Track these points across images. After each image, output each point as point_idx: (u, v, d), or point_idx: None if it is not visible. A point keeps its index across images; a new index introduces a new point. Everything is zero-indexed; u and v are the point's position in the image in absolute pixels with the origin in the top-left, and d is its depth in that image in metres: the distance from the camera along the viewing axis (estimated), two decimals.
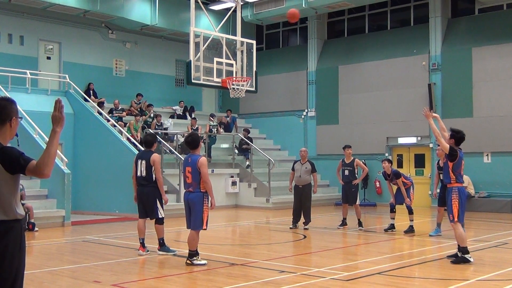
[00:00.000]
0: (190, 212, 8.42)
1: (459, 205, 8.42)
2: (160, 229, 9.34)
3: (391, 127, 20.43)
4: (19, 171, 3.72)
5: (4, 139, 3.84)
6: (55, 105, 3.82)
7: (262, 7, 21.45)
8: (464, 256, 8.35)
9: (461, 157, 8.51)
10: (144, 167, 9.27)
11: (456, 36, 19.57)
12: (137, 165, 9.40)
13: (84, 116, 17.56)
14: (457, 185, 8.49)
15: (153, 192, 9.26)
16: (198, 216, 8.28)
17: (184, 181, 8.50)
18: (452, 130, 8.69)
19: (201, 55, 15.84)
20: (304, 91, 22.98)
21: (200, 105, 24.84)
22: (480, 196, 17.97)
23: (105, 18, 20.54)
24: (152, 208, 9.29)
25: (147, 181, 9.25)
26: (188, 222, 8.46)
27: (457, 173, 8.49)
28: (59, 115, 3.85)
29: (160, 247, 9.36)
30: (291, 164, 13.79)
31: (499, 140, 18.10)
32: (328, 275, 7.64)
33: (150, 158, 9.25)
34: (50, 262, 8.59)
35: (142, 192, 9.31)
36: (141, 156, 9.52)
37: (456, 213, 8.41)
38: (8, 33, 19.16)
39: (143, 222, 9.42)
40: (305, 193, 13.15)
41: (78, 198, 16.41)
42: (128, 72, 22.45)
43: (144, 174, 9.28)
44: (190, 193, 8.36)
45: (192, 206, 8.35)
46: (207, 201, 8.32)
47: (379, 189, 20.44)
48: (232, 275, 7.75)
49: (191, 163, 8.26)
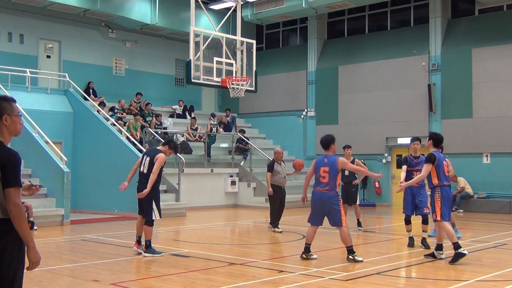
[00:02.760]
0: (322, 211, 8.66)
1: (441, 204, 8.55)
2: (148, 230, 9.09)
3: (391, 128, 20.43)
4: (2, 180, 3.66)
5: (4, 138, 3.82)
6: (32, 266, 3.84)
7: (262, 6, 21.44)
8: (459, 251, 8.38)
9: (440, 159, 8.69)
10: (147, 164, 9.16)
11: (456, 37, 19.57)
12: (142, 160, 9.34)
13: (83, 115, 17.55)
14: (440, 185, 8.66)
15: (151, 193, 9.06)
16: (337, 214, 8.55)
17: (318, 181, 8.67)
18: (430, 133, 9.35)
19: (201, 55, 15.85)
20: (304, 91, 22.98)
21: (200, 104, 24.85)
22: (479, 197, 17.96)
23: (105, 17, 20.54)
24: (147, 209, 9.11)
25: (146, 179, 9.09)
26: (326, 220, 8.76)
27: (440, 175, 8.66)
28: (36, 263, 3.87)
29: (146, 249, 9.09)
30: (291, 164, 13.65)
31: (499, 141, 18.10)
32: (327, 275, 7.64)
33: (155, 156, 9.14)
34: (49, 261, 8.58)
35: (141, 190, 9.12)
36: (147, 153, 9.46)
37: (438, 212, 8.55)
38: (8, 31, 19.16)
39: (141, 219, 9.26)
40: (285, 193, 12.94)
41: (77, 197, 16.39)
42: (128, 71, 22.45)
43: (145, 171, 9.16)
44: (326, 193, 8.60)
45: (330, 205, 8.57)
46: (340, 200, 8.74)
47: (378, 189, 20.44)
48: (231, 275, 7.75)
49: (328, 163, 8.67)
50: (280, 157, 12.92)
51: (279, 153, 12.98)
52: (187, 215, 16.33)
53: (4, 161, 3.66)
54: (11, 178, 3.66)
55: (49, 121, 16.70)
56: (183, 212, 16.39)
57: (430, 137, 9.06)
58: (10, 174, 3.66)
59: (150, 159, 9.16)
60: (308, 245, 8.79)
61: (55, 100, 17.65)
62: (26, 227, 3.73)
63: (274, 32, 25.18)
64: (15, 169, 3.68)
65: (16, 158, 3.71)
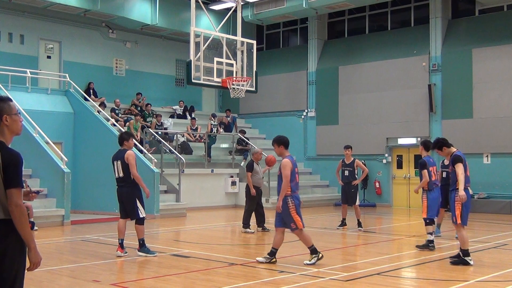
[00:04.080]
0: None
1: (463, 207, 8.44)
2: (140, 229, 9.06)
3: (391, 128, 20.43)
4: (4, 181, 3.66)
5: (5, 138, 3.81)
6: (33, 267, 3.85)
7: (263, 7, 21.44)
8: (465, 259, 8.35)
9: (465, 160, 8.65)
10: (121, 167, 9.05)
11: (456, 37, 19.57)
12: (114, 166, 9.18)
13: (84, 116, 17.55)
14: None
15: (132, 192, 9.01)
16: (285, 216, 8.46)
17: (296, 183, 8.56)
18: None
19: (201, 55, 15.84)
20: (304, 91, 22.98)
21: (200, 105, 24.85)
22: (479, 197, 17.96)
23: (106, 17, 20.54)
24: (132, 208, 9.04)
25: (124, 181, 9.04)
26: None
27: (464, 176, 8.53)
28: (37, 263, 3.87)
29: (140, 248, 9.08)
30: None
31: (499, 141, 18.10)
32: (327, 275, 7.64)
33: (124, 157, 9.04)
34: (49, 261, 8.58)
35: (121, 193, 9.11)
36: (116, 157, 9.25)
37: (458, 215, 8.42)
38: (8, 32, 19.16)
39: (123, 222, 9.19)
40: (261, 193, 12.89)
41: (78, 197, 16.40)
42: (128, 71, 22.45)
43: (121, 175, 9.07)
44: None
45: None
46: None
47: (378, 190, 20.44)
48: (232, 275, 7.75)
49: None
50: (259, 158, 12.95)
51: (259, 154, 13.05)
52: (187, 215, 16.34)
53: (6, 162, 3.65)
54: (13, 179, 3.65)
55: (50, 121, 16.71)
56: (183, 213, 16.39)
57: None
58: (12, 175, 3.65)
59: (121, 161, 9.06)
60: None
61: (56, 101, 17.65)
62: (28, 228, 3.73)
63: (275, 33, 25.18)
64: (17, 170, 3.67)
65: (18, 159, 3.71)
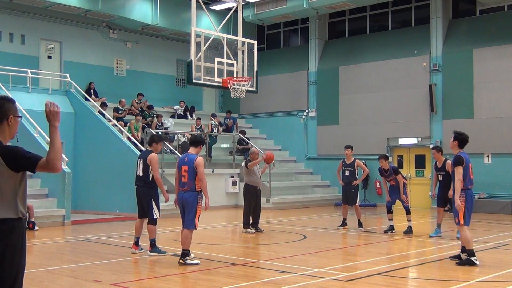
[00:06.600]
0: (183, 210, 8.66)
1: (465, 209, 8.39)
2: (152, 229, 9.26)
3: (392, 128, 20.43)
4: (26, 169, 3.72)
5: (4, 138, 3.83)
6: (46, 106, 3.89)
7: (263, 7, 21.44)
8: (470, 259, 8.33)
9: (467, 161, 8.48)
10: (142, 167, 9.33)
11: (457, 37, 19.57)
12: (137, 164, 9.47)
13: (84, 116, 17.56)
14: (464, 189, 8.42)
15: (148, 192, 9.29)
16: (191, 214, 8.58)
17: (181, 181, 8.73)
18: (455, 132, 8.77)
19: (202, 55, 15.85)
20: (305, 91, 22.98)
21: (201, 105, 24.85)
22: (480, 197, 17.94)
23: (106, 17, 20.55)
24: (147, 208, 9.31)
25: (142, 180, 9.33)
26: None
27: (466, 177, 8.42)
28: (54, 110, 3.93)
29: (151, 249, 9.25)
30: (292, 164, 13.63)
31: (500, 141, 18.10)
32: (328, 275, 7.63)
33: (147, 158, 9.27)
34: (50, 261, 8.59)
35: (139, 192, 9.42)
36: (141, 156, 9.62)
37: (462, 216, 8.37)
38: (9, 32, 19.16)
39: (140, 222, 9.43)
40: (260, 194, 12.86)
41: (79, 197, 16.41)
42: (129, 71, 22.46)
43: (141, 174, 9.35)
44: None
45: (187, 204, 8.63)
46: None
47: (379, 190, 20.43)
48: (232, 275, 7.75)
49: (188, 162, 8.77)
50: (256, 158, 12.88)
51: (256, 154, 13.00)
52: None
53: (10, 155, 3.69)
54: (31, 158, 3.69)
55: None
56: None
57: (455, 137, 8.65)
58: (25, 158, 3.69)
59: (143, 161, 9.32)
60: None
61: (56, 101, 17.20)
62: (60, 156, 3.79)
63: (275, 33, 25.18)
64: (25, 153, 3.71)
65: (19, 148, 3.76)
